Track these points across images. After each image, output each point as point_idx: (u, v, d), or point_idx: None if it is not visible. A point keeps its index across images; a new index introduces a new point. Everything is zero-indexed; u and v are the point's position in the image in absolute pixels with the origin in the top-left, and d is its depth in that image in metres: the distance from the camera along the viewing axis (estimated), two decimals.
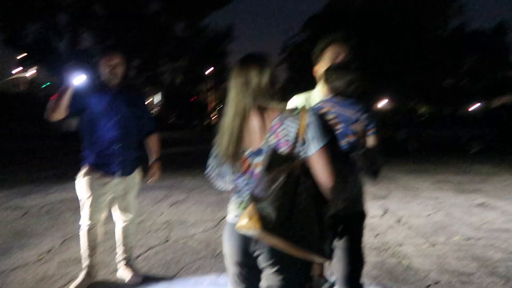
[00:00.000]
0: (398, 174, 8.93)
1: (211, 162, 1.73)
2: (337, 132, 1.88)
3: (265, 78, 1.58)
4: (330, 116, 1.89)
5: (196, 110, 44.27)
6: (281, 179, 1.41)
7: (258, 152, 1.58)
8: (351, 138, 1.87)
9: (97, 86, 3.07)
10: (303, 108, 1.56)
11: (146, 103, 3.60)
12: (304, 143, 1.51)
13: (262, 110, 1.58)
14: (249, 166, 1.61)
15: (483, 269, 3.61)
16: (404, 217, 5.43)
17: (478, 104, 41.51)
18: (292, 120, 1.52)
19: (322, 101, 1.95)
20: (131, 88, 3.33)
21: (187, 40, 35.91)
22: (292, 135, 1.51)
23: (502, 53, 36.47)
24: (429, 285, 3.30)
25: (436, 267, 3.67)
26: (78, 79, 2.56)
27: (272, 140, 1.54)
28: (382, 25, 23.45)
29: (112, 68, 3.01)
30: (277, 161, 1.46)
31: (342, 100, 1.93)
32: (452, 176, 8.97)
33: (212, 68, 46.94)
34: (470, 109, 39.48)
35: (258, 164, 1.58)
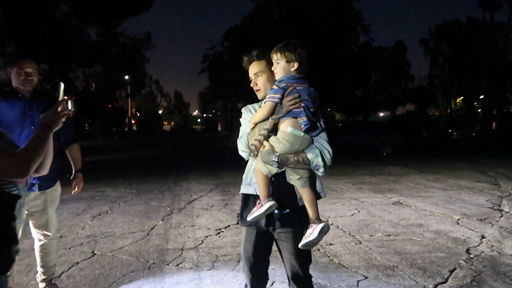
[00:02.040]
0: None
1: None
2: (301, 108, 1.93)
3: None
4: (295, 95, 1.93)
5: (114, 117, 42.14)
6: None
7: None
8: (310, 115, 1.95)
9: (7, 94, 2.76)
10: None
11: None
12: None
13: None
14: None
15: (404, 262, 3.92)
16: (331, 217, 5.70)
17: (385, 112, 45.58)
18: None
19: (286, 79, 1.97)
20: (45, 95, 3.04)
21: (102, 46, 34.16)
22: None
23: (404, 67, 40.68)
24: (359, 281, 3.49)
25: (364, 263, 3.89)
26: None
27: None
28: (298, 39, 24.56)
29: (27, 75, 2.73)
30: None
31: (297, 76, 1.99)
32: (369, 178, 9.66)
33: (129, 75, 45.23)
34: (380, 115, 43.17)
35: None
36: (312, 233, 2.03)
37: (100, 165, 12.53)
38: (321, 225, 2.04)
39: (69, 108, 1.85)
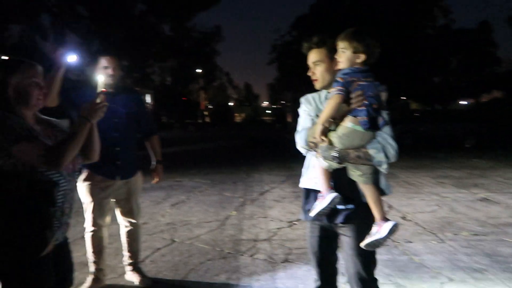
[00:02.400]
0: (396, 170, 8.91)
1: None
2: (363, 107, 1.82)
3: None
4: (358, 92, 1.82)
5: (188, 109, 44.05)
6: None
7: None
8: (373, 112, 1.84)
9: (93, 88, 2.96)
10: None
11: (145, 104, 3.51)
12: None
13: None
14: None
15: (496, 265, 3.58)
16: (409, 213, 5.41)
17: (467, 100, 42.08)
18: None
19: (351, 72, 1.84)
20: (127, 89, 3.23)
21: (176, 41, 35.69)
22: None
23: (489, 50, 37.02)
24: (443, 283, 3.26)
25: (448, 264, 3.63)
26: (70, 58, 2.41)
27: None
28: (371, 24, 23.59)
29: (109, 70, 2.91)
30: None
31: (363, 69, 1.86)
32: (450, 171, 9.00)
33: (201, 68, 46.79)
34: (461, 103, 40.00)
35: None
36: (378, 231, 1.92)
37: (176, 156, 13.17)
38: (389, 224, 1.91)
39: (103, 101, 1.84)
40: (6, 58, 1.85)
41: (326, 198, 1.89)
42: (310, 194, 2.12)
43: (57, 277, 1.84)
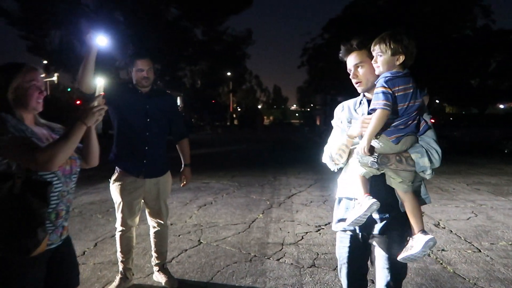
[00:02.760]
0: None
1: None
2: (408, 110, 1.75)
3: None
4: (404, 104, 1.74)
5: (217, 111, 44.54)
6: None
7: None
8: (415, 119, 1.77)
9: (130, 90, 3.04)
10: None
11: (177, 107, 3.56)
12: None
13: None
14: None
15: None
16: (442, 220, 5.21)
17: (506, 104, 40.27)
18: None
19: (394, 77, 1.75)
20: (161, 92, 3.29)
21: (207, 44, 36.19)
22: None
23: None
24: None
25: (484, 275, 3.46)
26: (101, 40, 2.47)
27: None
28: (406, 26, 23.02)
29: (144, 72, 2.98)
30: None
31: (403, 73, 1.77)
32: (487, 178, 8.61)
33: (231, 71, 47.19)
34: (500, 107, 38.33)
35: None
36: (414, 246, 1.81)
37: (205, 158, 13.30)
38: (426, 238, 1.79)
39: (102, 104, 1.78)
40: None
41: (363, 205, 1.78)
42: (342, 203, 2.06)
43: (59, 280, 1.84)
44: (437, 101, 36.01)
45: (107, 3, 26.35)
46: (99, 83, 1.92)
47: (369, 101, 1.95)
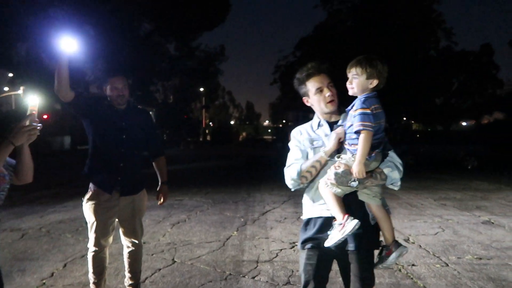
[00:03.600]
0: (398, 191, 8.88)
1: None
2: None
3: None
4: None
5: (190, 127, 44.24)
6: None
7: None
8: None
9: (105, 106, 3.02)
10: None
11: (154, 124, 3.56)
12: None
13: None
14: None
15: None
16: (412, 235, 5.36)
17: (468, 121, 42.14)
18: None
19: (374, 99, 1.88)
20: (138, 109, 3.29)
21: (179, 59, 36.17)
22: None
23: (491, 72, 37.34)
24: None
25: None
26: (70, 45, 2.45)
27: None
28: (373, 45, 23.90)
29: (119, 90, 2.97)
30: None
31: (375, 95, 1.92)
32: (453, 193, 8.95)
33: (204, 87, 47.25)
34: (463, 124, 40.07)
35: None
36: (390, 255, 1.98)
37: (177, 174, 13.16)
38: (400, 249, 1.99)
39: (37, 123, 1.73)
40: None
41: (347, 226, 1.86)
42: (310, 223, 2.12)
43: None
44: (404, 118, 37.26)
45: (77, 16, 25.93)
46: (32, 101, 1.85)
47: (329, 123, 2.10)
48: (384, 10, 25.79)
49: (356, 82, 1.90)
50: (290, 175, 2.10)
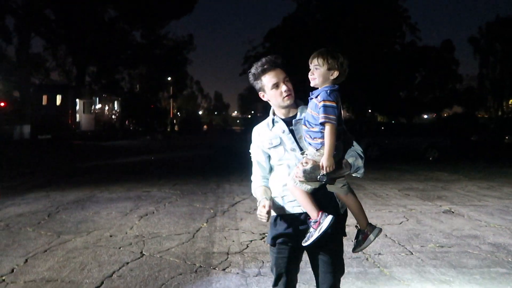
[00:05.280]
0: (364, 182, 9.10)
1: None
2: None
3: None
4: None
5: (157, 117, 43.35)
6: None
7: None
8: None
9: None
10: None
11: None
12: None
13: None
14: None
15: (461, 277, 3.69)
16: (378, 225, 5.48)
17: (430, 114, 43.82)
18: None
19: (335, 91, 1.89)
20: None
21: (146, 48, 35.25)
22: None
23: (451, 67, 38.93)
24: None
25: (417, 276, 3.71)
26: None
27: None
28: (341, 38, 24.23)
29: None
30: None
31: (337, 87, 1.93)
32: (416, 184, 9.28)
33: (172, 76, 46.36)
34: (425, 117, 41.59)
35: None
36: (367, 238, 2.08)
37: (144, 165, 12.89)
38: (375, 230, 2.10)
39: None
40: None
41: (323, 223, 1.88)
42: (280, 219, 2.12)
43: None
44: (369, 110, 38.23)
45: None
46: None
47: (283, 120, 2.11)
48: (352, 4, 26.16)
49: (318, 72, 1.92)
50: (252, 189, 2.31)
